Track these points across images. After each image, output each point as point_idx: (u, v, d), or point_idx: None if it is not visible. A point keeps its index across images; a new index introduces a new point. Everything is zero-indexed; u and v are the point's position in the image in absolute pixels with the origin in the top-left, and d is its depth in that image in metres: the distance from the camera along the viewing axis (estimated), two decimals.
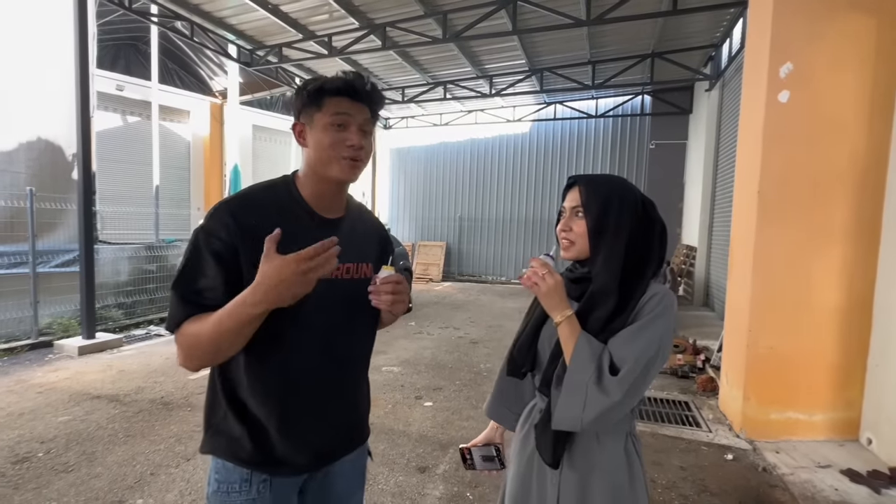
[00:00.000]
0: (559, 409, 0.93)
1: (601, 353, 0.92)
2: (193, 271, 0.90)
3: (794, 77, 2.97)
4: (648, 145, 10.08)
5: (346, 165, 0.96)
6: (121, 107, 9.49)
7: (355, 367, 1.10)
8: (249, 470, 0.97)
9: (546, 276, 0.98)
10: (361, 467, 1.16)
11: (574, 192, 1.05)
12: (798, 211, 3.01)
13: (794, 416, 3.05)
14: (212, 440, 1.00)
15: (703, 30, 6.99)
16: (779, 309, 3.05)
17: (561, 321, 0.96)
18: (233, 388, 0.98)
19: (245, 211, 0.94)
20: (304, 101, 0.96)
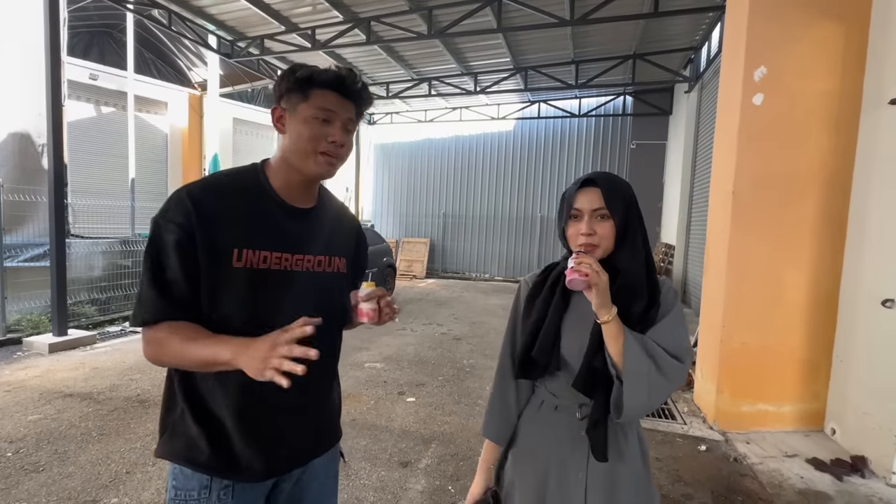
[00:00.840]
0: (629, 401, 0.93)
1: (648, 344, 0.96)
2: (159, 260, 0.86)
3: (767, 81, 3.07)
4: (630, 145, 10.25)
5: (323, 161, 0.93)
6: (94, 96, 9.18)
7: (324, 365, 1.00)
8: (209, 476, 0.90)
9: (601, 271, 0.94)
10: (334, 471, 1.11)
11: (592, 193, 1.01)
12: (770, 211, 3.11)
13: (764, 408, 3.17)
14: (168, 443, 0.94)
15: (682, 32, 7.13)
16: (751, 305, 3.16)
17: (609, 319, 0.95)
18: (192, 385, 0.92)
19: (206, 195, 0.89)
20: (290, 86, 0.91)
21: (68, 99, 7.50)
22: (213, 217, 0.87)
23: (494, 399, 1.16)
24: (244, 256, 0.89)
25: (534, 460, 1.08)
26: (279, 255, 0.92)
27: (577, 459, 1.03)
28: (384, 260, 8.07)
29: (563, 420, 1.06)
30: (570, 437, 1.05)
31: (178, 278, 0.86)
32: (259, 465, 0.93)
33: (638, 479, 1.03)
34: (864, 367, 2.80)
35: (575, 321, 1.04)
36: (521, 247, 11.53)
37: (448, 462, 2.73)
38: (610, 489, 1.01)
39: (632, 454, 1.03)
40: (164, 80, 10.11)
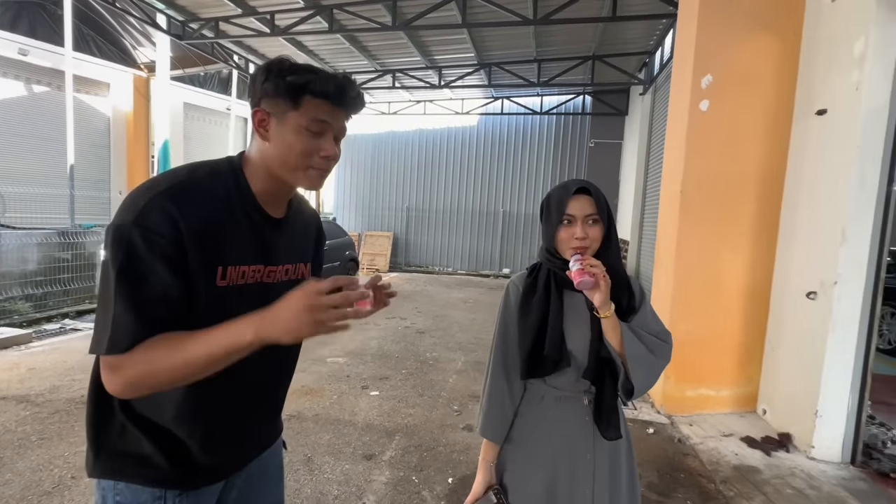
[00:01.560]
0: (637, 381, 1.07)
1: (637, 331, 1.09)
2: (137, 276, 0.72)
3: (713, 88, 3.28)
4: (588, 143, 10.61)
5: (314, 176, 0.86)
6: (24, 73, 8.42)
7: (286, 372, 1.04)
8: (163, 489, 0.84)
9: (606, 275, 1.04)
10: (279, 462, 1.12)
11: (584, 200, 1.10)
12: (713, 209, 3.35)
13: (705, 393, 3.43)
14: (108, 462, 0.85)
15: (638, 37, 7.45)
16: (695, 297, 3.39)
17: (610, 314, 1.06)
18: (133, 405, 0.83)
19: (193, 203, 0.77)
20: (277, 90, 0.80)
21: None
22: (200, 229, 0.77)
23: (491, 400, 1.19)
24: (229, 274, 0.82)
25: (542, 450, 1.15)
26: (255, 269, 0.87)
27: (585, 443, 1.14)
28: (346, 254, 7.98)
29: (569, 409, 1.15)
30: (577, 424, 1.14)
31: (171, 296, 0.74)
32: (216, 470, 0.90)
33: (628, 450, 1.19)
34: (790, 353, 3.09)
35: (572, 318, 1.13)
36: (484, 241, 11.70)
37: (412, 453, 2.77)
38: (611, 465, 1.15)
39: (626, 430, 1.19)
40: (105, 59, 9.39)
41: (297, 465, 2.59)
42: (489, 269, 11.55)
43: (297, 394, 3.58)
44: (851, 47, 2.68)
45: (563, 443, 1.14)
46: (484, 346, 5.10)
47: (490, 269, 11.55)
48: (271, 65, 0.82)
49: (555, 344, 1.10)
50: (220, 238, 0.80)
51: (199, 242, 0.76)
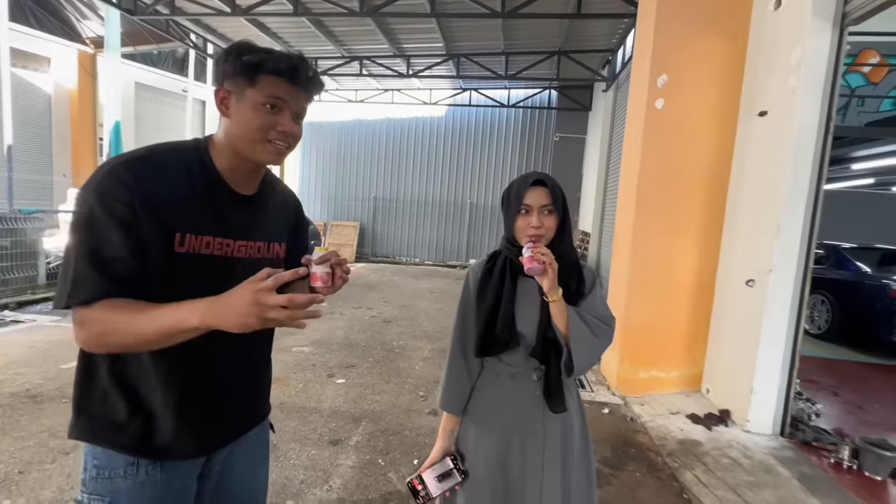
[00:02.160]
0: (578, 362, 1.16)
1: (584, 315, 1.18)
2: (96, 237, 0.77)
3: (668, 87, 3.47)
4: (553, 137, 10.86)
5: (272, 150, 0.89)
6: None
7: (259, 349, 1.06)
8: (135, 457, 0.88)
9: (553, 261, 1.12)
10: (264, 442, 1.14)
11: (541, 191, 1.19)
12: (666, 203, 3.55)
13: (656, 374, 3.66)
14: (86, 425, 0.89)
15: (602, 35, 7.67)
16: (649, 285, 3.60)
17: (557, 298, 1.15)
18: (121, 367, 0.87)
19: (149, 173, 0.82)
20: (236, 69, 0.85)
21: None
22: (155, 196, 0.81)
23: (450, 375, 1.29)
24: (187, 241, 0.85)
25: (496, 421, 1.25)
26: (221, 241, 0.89)
27: (536, 415, 1.23)
28: (311, 243, 7.84)
29: (521, 385, 1.25)
30: (527, 399, 1.24)
31: (123, 255, 0.79)
32: (190, 445, 0.92)
33: (581, 425, 1.27)
34: (731, 336, 3.35)
35: (524, 302, 1.22)
36: (451, 232, 11.78)
37: (378, 438, 2.83)
38: (562, 436, 1.23)
39: (575, 406, 1.28)
40: (45, 31, 8.70)
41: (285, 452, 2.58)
42: (456, 260, 11.67)
43: None
44: (789, 54, 2.90)
45: (515, 415, 1.23)
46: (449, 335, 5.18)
47: (457, 260, 11.67)
48: (231, 47, 0.88)
49: (505, 325, 1.19)
50: (176, 207, 0.84)
51: (152, 208, 0.81)
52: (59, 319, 4.98)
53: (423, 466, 1.26)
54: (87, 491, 0.89)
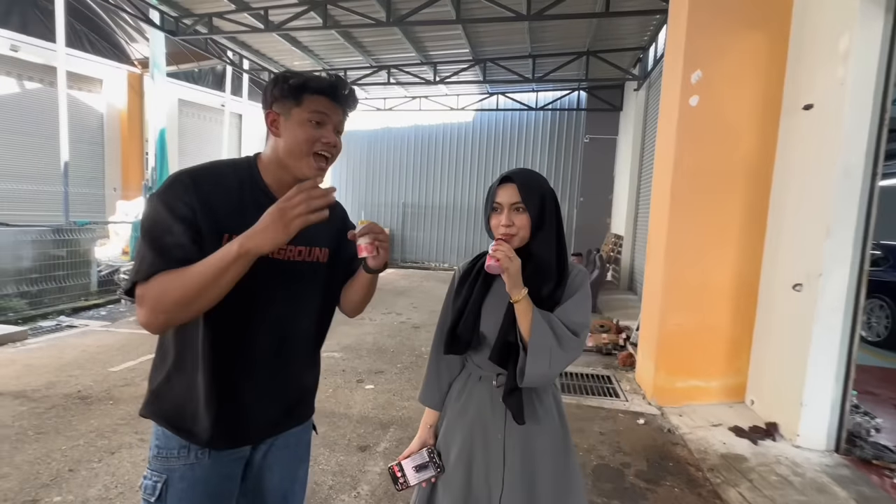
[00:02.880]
0: (530, 370, 1.07)
1: (553, 321, 1.10)
2: (160, 229, 0.89)
3: (703, 84, 3.32)
4: (583, 139, 10.65)
5: (314, 164, 0.99)
6: (16, 70, 8.35)
7: (303, 346, 1.12)
8: (188, 441, 0.98)
9: (513, 258, 1.08)
10: (306, 441, 1.20)
11: (510, 189, 1.15)
12: (702, 204, 3.40)
13: (694, 384, 3.49)
14: (152, 404, 1.01)
15: (632, 33, 7.48)
16: (685, 290, 3.45)
17: (520, 299, 1.09)
18: (181, 355, 0.98)
19: (207, 181, 0.95)
20: (283, 92, 0.97)
21: None
22: (210, 201, 0.93)
23: (428, 371, 1.33)
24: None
25: (462, 423, 1.22)
26: None
27: (497, 423, 1.18)
28: None
29: (485, 389, 1.21)
30: (491, 404, 1.19)
31: (184, 242, 0.89)
32: (235, 436, 1.02)
33: (554, 438, 1.18)
34: (777, 344, 3.15)
35: (494, 302, 1.18)
36: (481, 237, 11.73)
37: (406, 444, 2.79)
38: (526, 448, 1.16)
39: (547, 416, 1.18)
40: (98, 55, 9.34)
41: None
42: None
43: None
44: (836, 43, 2.72)
45: (478, 419, 1.20)
46: None
47: None
48: (278, 75, 1.00)
49: (467, 325, 1.17)
50: (227, 211, 0.95)
51: (208, 211, 0.92)
52: (109, 325, 5.28)
53: (402, 455, 1.28)
54: (150, 468, 1.00)
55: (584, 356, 4.73)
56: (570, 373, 4.19)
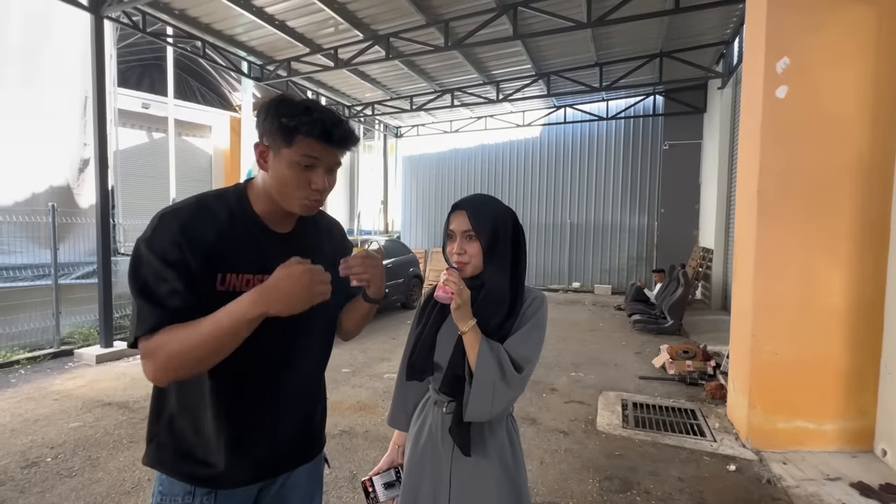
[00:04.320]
0: (472, 404, 1.05)
1: (500, 354, 1.06)
2: (153, 278, 0.85)
3: (791, 72, 2.87)
4: (662, 146, 9.88)
5: (306, 205, 0.95)
6: (146, 124, 9.92)
7: (310, 377, 1.09)
8: (193, 486, 0.94)
9: (462, 290, 1.05)
10: (318, 475, 1.16)
11: (460, 217, 1.13)
12: (800, 211, 2.89)
13: (802, 426, 2.91)
14: (155, 451, 0.98)
15: (712, 27, 6.84)
16: (782, 313, 2.92)
17: (466, 330, 1.06)
18: (181, 396, 0.95)
19: (195, 220, 0.89)
20: (274, 128, 0.90)
21: (122, 127, 8.14)
22: (199, 240, 0.88)
23: (396, 393, 1.35)
24: (228, 280, 0.91)
25: (417, 445, 1.21)
26: (261, 278, 0.92)
27: (446, 450, 1.15)
28: (410, 270, 8.15)
29: (438, 414, 1.18)
30: (441, 431, 1.16)
31: (178, 288, 0.85)
32: (243, 473, 0.97)
33: (502, 472, 1.13)
34: None
35: (449, 332, 1.15)
36: (551, 255, 11.30)
37: None
38: (472, 480, 1.12)
39: (496, 450, 1.13)
40: (208, 104, 10.78)
41: (341, 481, 2.63)
42: (557, 284, 11.10)
43: (352, 409, 3.67)
44: None
45: (429, 442, 1.18)
46: (544, 365, 4.85)
47: (558, 284, 11.10)
48: (270, 104, 0.91)
49: (421, 355, 1.17)
50: (219, 248, 0.90)
51: (198, 252, 0.87)
52: None
53: (373, 471, 1.31)
54: None
55: (665, 385, 4.23)
56: (644, 404, 3.75)
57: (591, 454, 2.95)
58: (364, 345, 5.71)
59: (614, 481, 2.63)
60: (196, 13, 6.33)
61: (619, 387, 4.21)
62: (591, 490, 2.55)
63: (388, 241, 8.22)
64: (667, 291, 7.00)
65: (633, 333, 6.44)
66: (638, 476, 2.68)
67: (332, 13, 6.15)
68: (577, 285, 10.84)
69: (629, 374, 4.60)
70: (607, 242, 10.72)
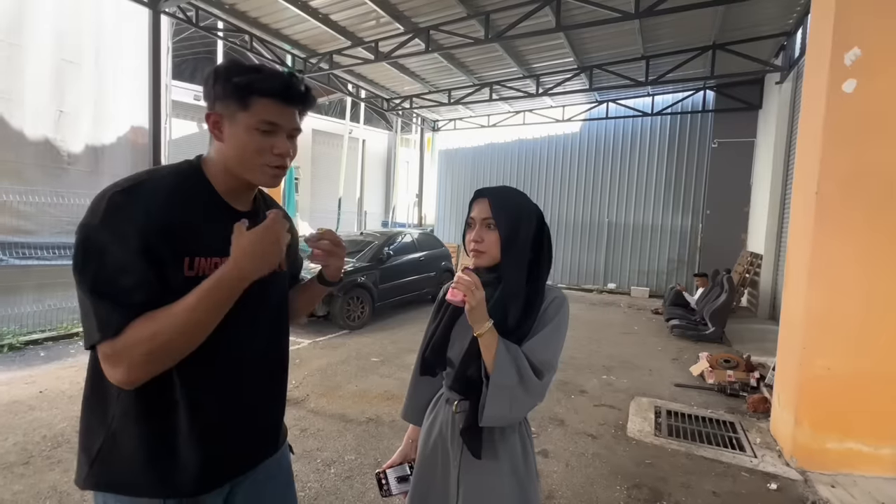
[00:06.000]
0: (489, 410, 1.00)
1: (519, 358, 1.01)
2: (112, 270, 0.75)
3: (862, 64, 2.63)
4: (710, 144, 9.37)
5: (269, 174, 0.87)
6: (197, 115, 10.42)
7: (274, 364, 1.02)
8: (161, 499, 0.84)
9: (476, 290, 1.00)
10: (287, 465, 1.10)
11: (482, 204, 1.11)
12: (865, 218, 2.65)
13: (855, 447, 2.69)
14: (99, 472, 0.84)
15: (772, 17, 6.39)
16: (838, 326, 2.71)
17: (483, 332, 1.01)
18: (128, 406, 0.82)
19: (154, 198, 0.79)
20: (226, 92, 0.82)
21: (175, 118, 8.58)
22: (161, 221, 0.78)
23: (410, 388, 1.35)
24: (196, 264, 0.82)
25: (428, 440, 1.20)
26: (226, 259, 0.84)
27: (455, 449, 1.13)
28: (442, 264, 8.16)
29: (449, 413, 1.16)
30: (452, 431, 1.14)
31: (146, 279, 0.76)
32: (210, 475, 0.88)
33: (511, 476, 1.09)
34: None
35: (463, 328, 1.11)
36: (587, 254, 11.01)
37: None
38: (481, 482, 1.09)
39: (508, 453, 1.09)
40: None
41: (366, 468, 2.67)
42: (592, 284, 10.82)
43: (380, 398, 3.72)
44: None
45: (440, 438, 1.17)
46: (574, 367, 4.74)
47: (594, 284, 10.81)
48: (219, 67, 0.84)
49: (434, 349, 1.16)
50: (183, 230, 0.81)
51: (160, 236, 0.78)
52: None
53: (387, 464, 1.32)
54: None
55: (703, 395, 4.03)
56: (679, 413, 3.59)
57: (620, 460, 2.86)
58: (395, 335, 5.78)
59: (643, 490, 2.53)
60: (245, 7, 6.55)
61: (652, 393, 4.05)
62: (619, 497, 2.47)
63: (420, 234, 8.26)
64: (709, 297, 6.67)
65: (671, 339, 6.18)
66: (669, 487, 2.57)
67: (374, 6, 6.20)
68: (613, 286, 10.52)
69: (664, 380, 4.42)
70: (646, 243, 10.32)
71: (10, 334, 4.89)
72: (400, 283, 6.94)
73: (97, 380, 0.83)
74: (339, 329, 5.88)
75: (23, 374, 4.01)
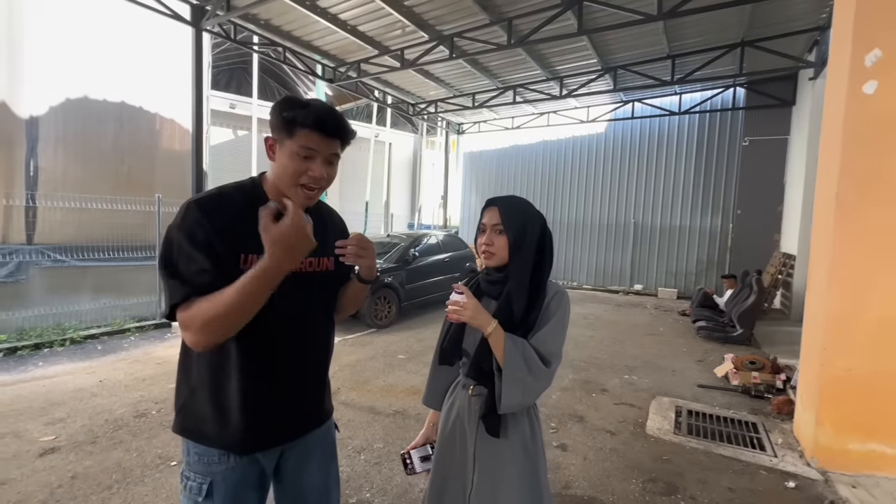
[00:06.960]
0: (505, 398, 1.15)
1: (526, 351, 1.16)
2: (182, 258, 0.96)
3: (883, 65, 2.63)
4: (741, 142, 9.15)
5: (302, 194, 1.04)
6: (233, 122, 10.96)
7: (320, 352, 1.20)
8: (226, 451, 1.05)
9: (465, 304, 1.14)
10: (332, 440, 1.27)
11: (493, 212, 1.25)
12: (884, 220, 2.65)
13: (878, 449, 2.69)
14: (185, 422, 1.08)
15: (805, 11, 6.23)
16: (858, 327, 2.71)
17: (490, 332, 1.16)
18: (201, 369, 1.04)
19: (215, 205, 1.01)
20: (279, 123, 1.01)
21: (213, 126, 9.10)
22: (222, 225, 0.99)
23: (430, 375, 1.50)
24: (249, 260, 1.01)
25: (445, 425, 1.35)
26: None
27: (471, 430, 1.27)
28: (467, 265, 8.31)
29: (465, 397, 1.31)
30: (468, 413, 1.29)
31: (208, 267, 0.96)
32: (258, 439, 1.07)
33: (522, 453, 1.23)
34: None
35: None
36: (613, 255, 10.92)
37: None
38: (495, 457, 1.24)
39: (518, 433, 1.24)
40: None
41: (393, 455, 2.86)
42: (618, 285, 10.72)
43: (406, 392, 3.91)
44: None
45: (458, 420, 1.30)
46: (597, 366, 4.81)
47: (619, 285, 10.72)
48: (277, 102, 1.04)
49: (450, 340, 1.32)
50: (239, 233, 1.01)
51: (221, 236, 0.99)
52: None
53: (411, 445, 1.46)
54: (192, 470, 1.08)
55: (726, 396, 4.04)
56: (701, 413, 3.63)
57: (637, 456, 2.94)
58: (420, 334, 5.98)
59: (658, 484, 2.62)
60: (279, 22, 6.90)
61: (674, 393, 4.08)
62: (634, 490, 2.56)
63: (445, 236, 8.44)
64: (738, 298, 6.55)
65: (697, 340, 6.12)
66: (685, 482, 2.64)
67: (400, 16, 6.42)
68: (640, 288, 10.40)
69: (687, 381, 4.43)
70: (674, 244, 10.16)
71: (72, 329, 5.37)
72: (425, 283, 7.14)
73: (185, 348, 1.08)
74: (368, 327, 6.13)
75: (84, 365, 4.43)
